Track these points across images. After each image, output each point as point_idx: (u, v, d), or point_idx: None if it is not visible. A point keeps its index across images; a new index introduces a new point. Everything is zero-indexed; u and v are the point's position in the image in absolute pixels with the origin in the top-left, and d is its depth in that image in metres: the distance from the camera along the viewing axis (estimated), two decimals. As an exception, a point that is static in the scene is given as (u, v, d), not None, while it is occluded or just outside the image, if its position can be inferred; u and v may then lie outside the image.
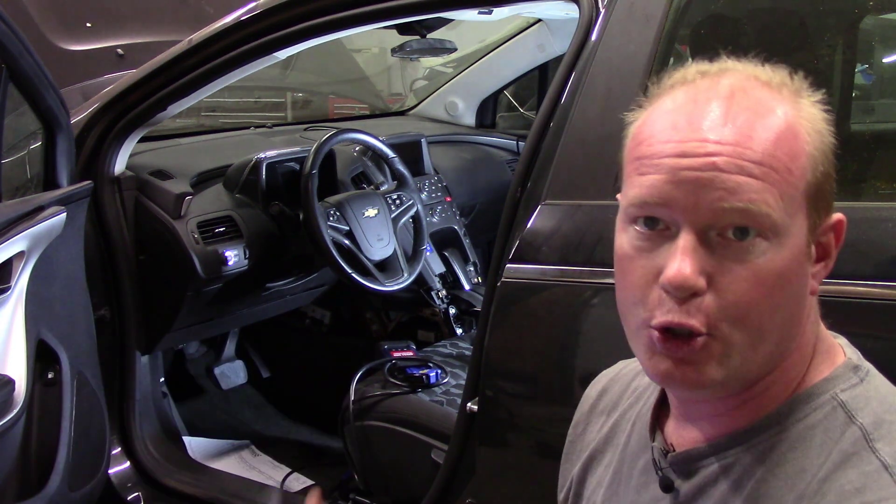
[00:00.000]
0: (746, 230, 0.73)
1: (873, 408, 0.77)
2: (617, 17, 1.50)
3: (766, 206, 0.73)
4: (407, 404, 2.11)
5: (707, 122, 0.75)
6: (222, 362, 2.99)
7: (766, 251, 0.74)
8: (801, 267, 0.77)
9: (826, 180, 0.78)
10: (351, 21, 1.89)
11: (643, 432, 0.92)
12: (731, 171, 0.73)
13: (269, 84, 3.89)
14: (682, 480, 0.84)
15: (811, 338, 0.82)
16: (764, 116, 0.75)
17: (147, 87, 2.16)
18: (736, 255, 0.74)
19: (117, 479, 2.31)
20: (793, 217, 0.75)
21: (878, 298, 1.19)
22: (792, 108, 0.78)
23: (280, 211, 2.44)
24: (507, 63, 3.32)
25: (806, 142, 0.76)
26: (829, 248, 0.82)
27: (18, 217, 1.67)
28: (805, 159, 0.76)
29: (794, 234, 0.75)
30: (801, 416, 0.79)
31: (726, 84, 0.78)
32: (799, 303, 0.78)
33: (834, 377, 0.80)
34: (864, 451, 0.74)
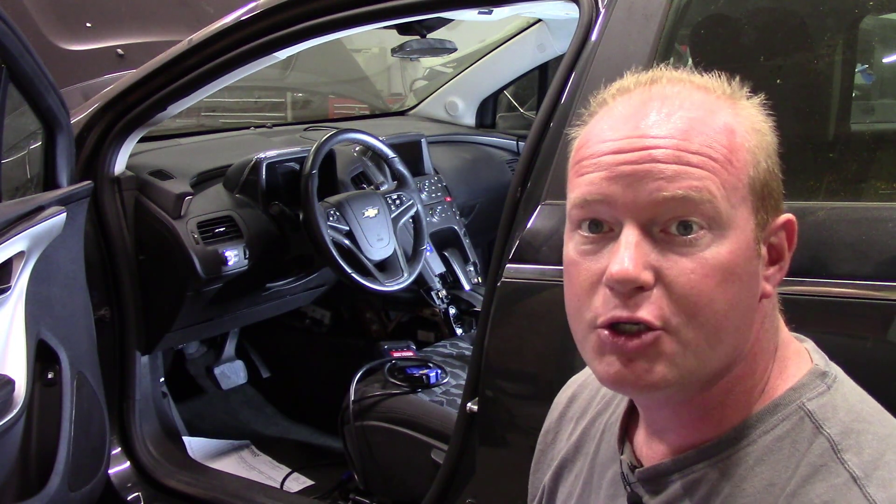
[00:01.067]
0: (689, 225, 0.73)
1: (840, 417, 0.76)
2: (617, 17, 1.50)
3: (708, 192, 0.73)
4: (407, 404, 2.11)
5: (644, 121, 0.76)
6: (222, 362, 2.99)
7: (711, 243, 0.73)
8: (748, 262, 0.76)
9: (771, 177, 0.78)
10: (351, 21, 1.89)
11: (612, 443, 0.90)
12: (669, 161, 0.73)
13: (269, 84, 3.89)
14: (649, 496, 0.83)
15: (770, 342, 0.81)
16: (700, 114, 0.76)
17: (147, 87, 2.16)
18: (681, 248, 0.73)
19: (117, 479, 2.31)
20: (736, 208, 0.75)
21: (877, 299, 1.19)
22: (728, 108, 0.78)
23: (280, 211, 2.44)
24: (507, 63, 3.32)
25: (744, 139, 0.77)
26: (782, 249, 0.81)
27: (18, 217, 1.67)
28: (745, 153, 0.76)
29: (739, 227, 0.75)
30: (768, 428, 0.77)
31: (660, 89, 0.79)
32: (751, 300, 0.77)
33: (800, 385, 0.79)
34: (832, 462, 0.73)
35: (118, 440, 2.34)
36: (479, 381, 1.58)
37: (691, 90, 0.78)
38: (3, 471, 1.69)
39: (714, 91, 0.79)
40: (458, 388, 2.15)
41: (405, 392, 2.13)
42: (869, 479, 0.71)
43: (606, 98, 0.82)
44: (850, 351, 1.21)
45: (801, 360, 0.82)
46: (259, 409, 3.04)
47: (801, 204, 1.27)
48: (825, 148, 1.47)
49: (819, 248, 1.23)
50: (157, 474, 2.32)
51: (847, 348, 1.22)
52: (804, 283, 1.20)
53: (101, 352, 2.10)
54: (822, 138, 1.48)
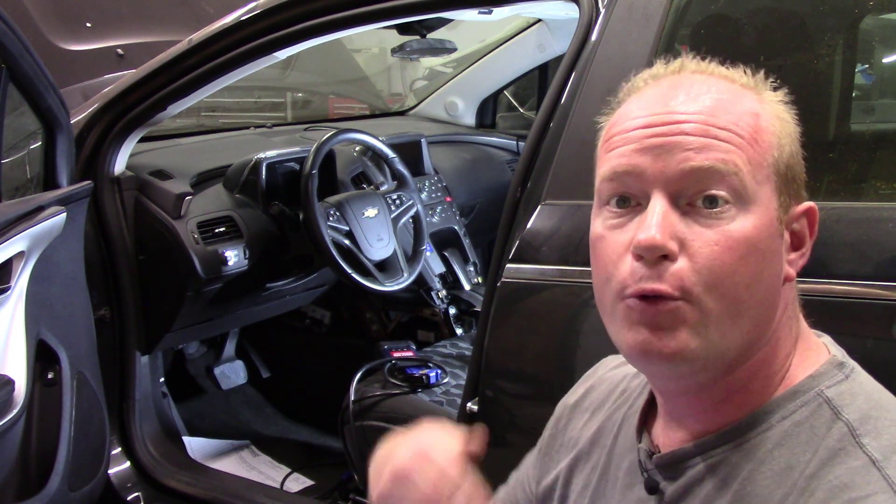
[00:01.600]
0: (715, 199, 0.75)
1: (859, 404, 0.78)
2: (617, 17, 1.50)
3: (734, 165, 0.75)
4: (407, 404, 2.11)
5: (673, 100, 0.79)
6: (222, 362, 2.99)
7: (736, 216, 0.75)
8: (771, 239, 0.78)
9: (794, 162, 0.81)
10: (351, 21, 1.89)
11: (630, 434, 0.92)
12: (697, 133, 0.76)
13: (269, 84, 3.89)
14: (667, 482, 0.84)
15: (791, 331, 0.83)
16: (727, 97, 0.79)
17: (147, 87, 2.16)
18: (706, 220, 0.76)
19: (117, 479, 2.31)
20: (760, 185, 0.77)
21: (878, 299, 1.19)
22: (752, 96, 0.81)
23: (280, 211, 2.44)
24: (507, 63, 3.32)
25: (769, 122, 0.79)
26: (803, 236, 0.83)
27: (18, 217, 1.67)
28: (769, 136, 0.79)
29: (763, 204, 0.77)
30: (786, 414, 0.79)
31: (688, 76, 0.82)
32: (773, 278, 0.79)
33: (819, 374, 0.81)
34: (850, 446, 0.74)
35: (118, 440, 2.34)
36: (479, 381, 1.58)
37: (717, 79, 0.82)
38: (3, 471, 1.69)
39: (738, 81, 0.82)
40: (458, 388, 2.15)
41: (405, 392, 2.13)
42: (888, 462, 0.73)
43: (637, 84, 0.85)
44: (850, 351, 1.21)
45: (820, 352, 0.84)
46: (259, 409, 3.04)
47: (801, 204, 1.27)
48: (825, 148, 1.47)
49: (819, 248, 1.23)
50: (157, 474, 2.32)
51: (847, 348, 1.22)
52: (804, 282, 1.20)
53: (101, 352, 2.10)
54: (822, 138, 1.48)
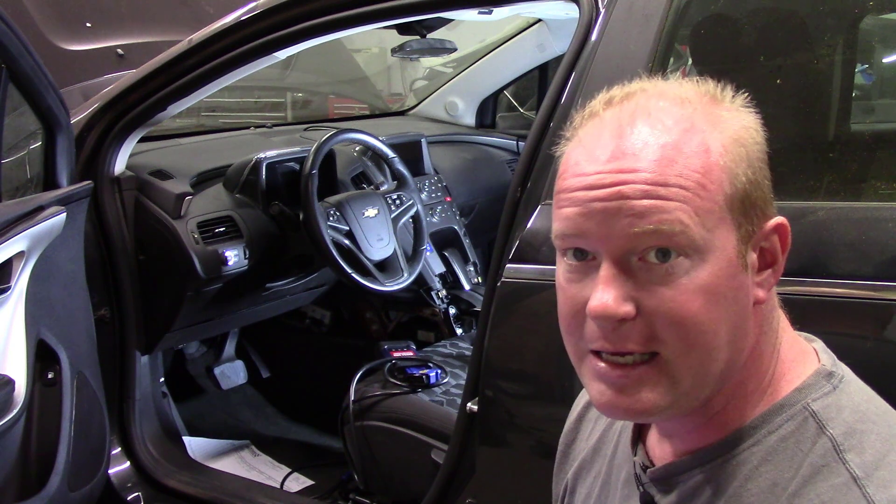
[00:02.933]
0: (667, 251, 0.74)
1: (845, 417, 0.76)
2: (617, 17, 1.50)
3: (680, 224, 0.73)
4: (407, 404, 2.11)
5: (613, 152, 0.75)
6: (222, 362, 2.99)
7: (690, 269, 0.74)
8: (731, 279, 0.76)
9: (753, 188, 0.77)
10: (351, 21, 1.89)
11: (627, 444, 0.92)
12: (637, 196, 0.73)
13: (269, 84, 3.89)
14: (661, 496, 0.84)
15: (770, 344, 0.81)
16: (669, 138, 0.75)
17: (147, 87, 2.16)
18: (660, 277, 0.74)
19: (117, 479, 2.31)
20: (713, 231, 0.74)
21: (877, 299, 1.19)
22: (705, 122, 0.77)
23: (280, 211, 2.44)
24: (507, 63, 3.32)
25: (720, 154, 0.76)
26: (775, 253, 0.80)
27: (18, 217, 1.67)
28: (720, 172, 0.75)
29: (719, 248, 0.75)
30: (773, 429, 0.78)
31: (629, 111, 0.78)
32: (740, 314, 0.77)
33: (806, 386, 0.79)
34: (833, 462, 0.73)
35: (118, 440, 2.34)
36: (479, 381, 1.58)
37: (668, 106, 0.78)
38: (3, 471, 1.69)
39: (693, 103, 0.78)
40: (458, 388, 2.15)
41: (405, 392, 2.13)
42: (869, 479, 0.71)
43: (583, 118, 0.82)
44: (850, 351, 1.21)
45: (808, 361, 0.82)
46: (259, 409, 3.04)
47: (801, 204, 1.27)
48: (825, 148, 1.47)
49: (819, 248, 1.23)
50: (157, 474, 2.32)
51: (847, 348, 1.21)
52: (804, 283, 1.20)
53: (101, 352, 2.10)
54: (822, 138, 1.48)
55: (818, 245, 1.23)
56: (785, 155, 1.43)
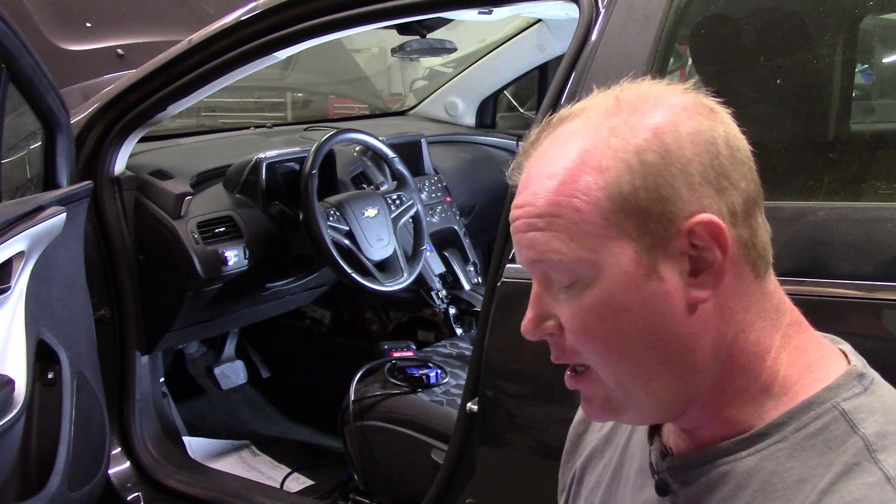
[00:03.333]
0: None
1: (876, 418, 0.76)
2: (617, 17, 1.50)
3: (556, 252, 0.77)
4: (407, 404, 2.11)
5: (520, 185, 0.82)
6: (222, 362, 2.99)
7: (584, 288, 0.78)
8: (634, 291, 0.76)
9: (648, 196, 0.75)
10: (351, 21, 1.89)
11: (642, 434, 0.91)
12: (524, 230, 0.79)
13: (269, 84, 3.89)
14: (678, 485, 0.84)
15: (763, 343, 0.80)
16: (550, 168, 0.79)
17: (147, 87, 2.16)
18: (567, 297, 0.79)
19: (117, 479, 2.31)
20: (597, 250, 0.76)
21: (878, 299, 1.19)
22: (596, 135, 0.77)
23: (280, 211, 2.44)
24: (507, 63, 3.32)
25: (607, 170, 0.75)
26: (705, 254, 0.76)
27: (18, 217, 1.67)
28: (599, 192, 0.75)
29: (609, 264, 0.76)
30: (800, 426, 0.77)
31: (551, 137, 0.82)
32: (657, 322, 0.76)
33: (836, 385, 0.79)
34: (866, 461, 0.73)
35: (118, 440, 2.34)
36: (479, 381, 1.58)
37: (577, 129, 0.79)
38: (3, 471, 1.69)
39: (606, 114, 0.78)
40: (458, 388, 2.15)
41: (405, 392, 2.13)
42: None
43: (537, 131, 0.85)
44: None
45: (835, 361, 0.82)
46: (259, 409, 3.04)
47: (801, 204, 1.27)
48: (825, 148, 1.47)
49: (819, 248, 1.23)
50: (157, 474, 2.32)
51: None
52: (804, 283, 1.20)
53: (101, 352, 2.10)
54: (822, 138, 1.48)
55: (818, 245, 1.23)
56: (785, 155, 1.43)
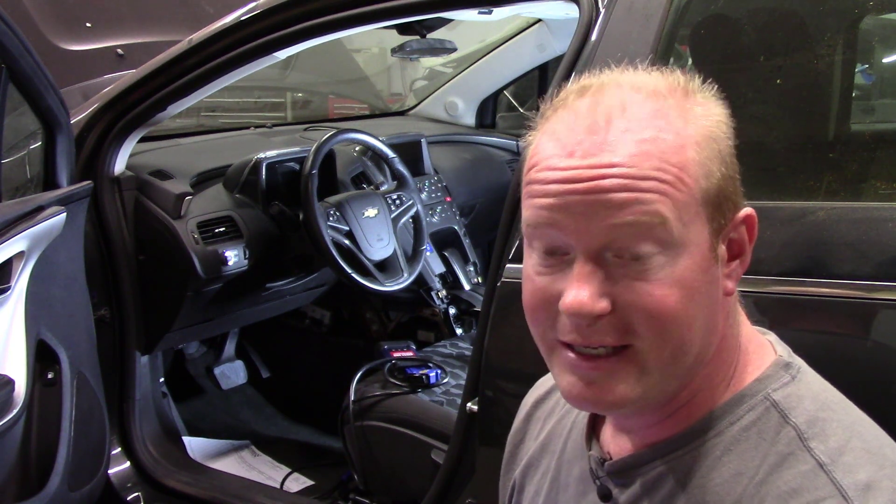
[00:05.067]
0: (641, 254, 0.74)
1: (806, 406, 0.77)
2: (617, 17, 1.50)
3: (659, 216, 0.73)
4: (407, 404, 2.11)
5: (589, 146, 0.75)
6: (222, 362, 2.99)
7: (665, 265, 0.74)
8: (705, 274, 0.76)
9: (726, 183, 0.77)
10: (351, 21, 1.89)
11: (579, 440, 0.91)
12: (616, 189, 0.73)
13: (269, 84, 3.89)
14: (619, 489, 0.84)
15: (734, 339, 0.82)
16: (645, 134, 0.75)
17: (147, 87, 2.16)
18: (636, 273, 0.74)
19: (117, 479, 2.31)
20: (689, 225, 0.75)
21: (878, 299, 1.19)
22: (678, 116, 0.76)
23: (280, 211, 2.44)
24: (507, 63, 3.32)
25: (695, 150, 0.75)
26: (743, 243, 0.81)
27: (18, 217, 1.67)
28: (695, 167, 0.75)
29: (693, 242, 0.75)
30: (734, 419, 0.78)
31: (605, 104, 0.77)
32: (712, 309, 0.78)
33: (765, 377, 0.80)
34: (798, 450, 0.74)
35: (118, 440, 2.34)
36: (479, 381, 1.58)
37: (642, 99, 0.77)
38: (3, 471, 1.69)
39: (665, 96, 0.77)
40: (458, 388, 2.15)
41: (405, 392, 2.13)
42: (835, 465, 0.73)
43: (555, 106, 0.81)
44: (849, 351, 1.21)
45: (765, 352, 0.83)
46: (259, 409, 3.04)
47: (801, 204, 1.27)
48: (825, 148, 1.47)
49: (819, 248, 1.23)
50: (157, 474, 2.32)
51: (847, 348, 1.22)
52: (804, 283, 1.20)
53: (101, 352, 2.10)
54: (822, 138, 1.48)
55: (818, 245, 1.23)
56: (785, 155, 1.43)
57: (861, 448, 0.75)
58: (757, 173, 1.35)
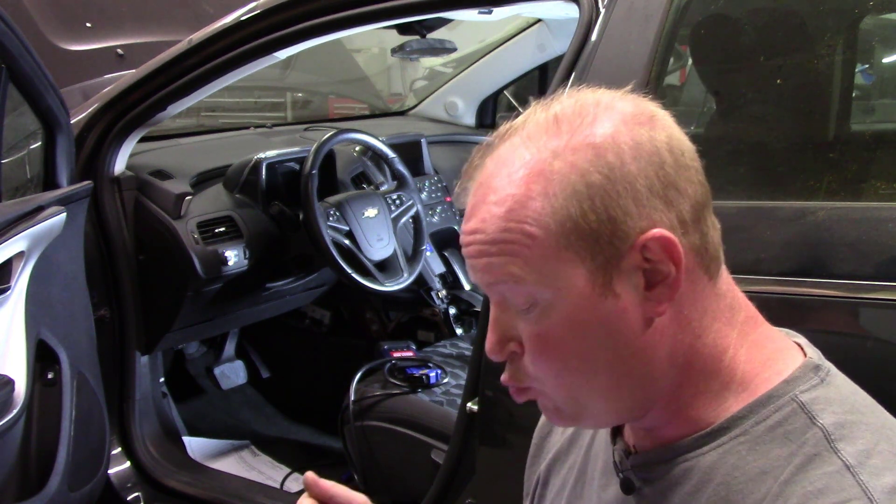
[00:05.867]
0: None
1: (834, 409, 0.77)
2: (617, 17, 1.50)
3: (511, 277, 0.77)
4: (407, 404, 2.11)
5: (468, 211, 0.81)
6: (222, 362, 2.99)
7: (543, 312, 0.77)
8: (590, 311, 0.76)
9: (596, 218, 0.74)
10: (351, 21, 1.89)
11: (605, 434, 0.92)
12: (476, 256, 0.79)
13: (269, 84, 3.89)
14: (642, 483, 0.84)
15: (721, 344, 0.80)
16: (499, 195, 0.77)
17: (147, 87, 2.16)
18: (525, 320, 0.79)
19: (117, 479, 2.31)
20: (552, 275, 0.76)
21: (878, 299, 1.19)
22: (543, 162, 0.76)
23: (280, 211, 2.44)
24: (507, 63, 3.32)
25: (541, 199, 0.75)
26: (656, 271, 0.76)
27: (18, 217, 1.67)
28: (548, 218, 0.75)
29: (563, 287, 0.76)
30: (760, 419, 0.78)
31: (495, 159, 0.80)
32: (617, 337, 0.77)
33: (794, 378, 0.80)
34: (825, 451, 0.74)
35: (118, 440, 2.34)
36: (479, 381, 1.58)
37: (522, 149, 0.78)
38: (3, 471, 1.69)
39: (548, 136, 0.77)
40: (458, 388, 2.15)
41: (405, 392, 2.13)
42: (862, 467, 0.72)
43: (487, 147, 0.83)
44: (850, 351, 1.21)
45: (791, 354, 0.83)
46: (259, 409, 3.04)
47: (801, 204, 1.27)
48: (825, 148, 1.47)
49: (819, 248, 1.23)
50: (157, 474, 2.32)
51: (847, 348, 1.22)
52: (804, 283, 1.20)
53: (101, 352, 2.10)
54: (822, 138, 1.48)
55: (818, 245, 1.23)
56: (785, 155, 1.43)
57: (889, 452, 0.74)
58: (757, 173, 1.35)
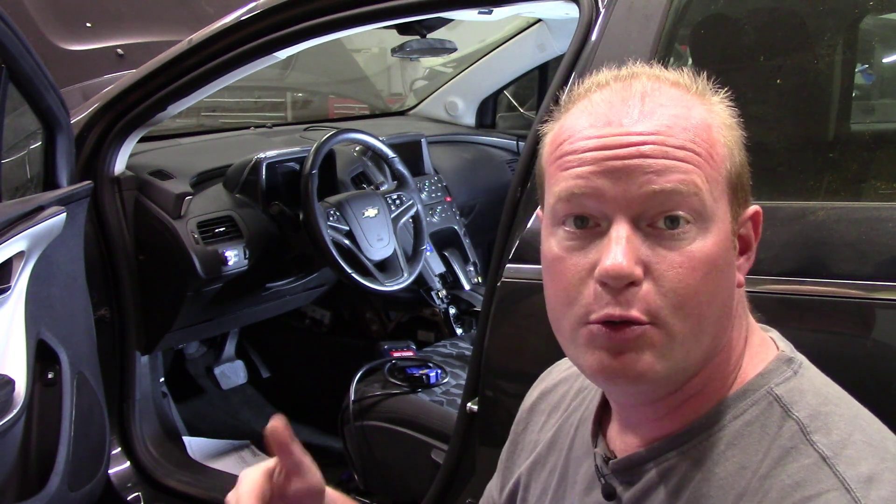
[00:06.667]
0: (676, 219, 0.75)
1: (808, 400, 0.78)
2: (617, 17, 1.50)
3: (694, 185, 0.75)
4: (407, 404, 2.11)
5: (626, 118, 0.77)
6: (222, 362, 2.99)
7: (697, 237, 0.75)
8: (728, 253, 0.78)
9: (743, 170, 0.81)
10: (351, 21, 1.89)
11: (586, 437, 0.92)
12: (657, 156, 0.75)
13: (269, 84, 3.89)
14: (623, 487, 0.84)
15: (741, 332, 0.83)
16: (679, 110, 0.78)
17: (147, 88, 2.16)
18: (669, 243, 0.75)
19: (117, 479, 2.31)
20: (717, 201, 0.77)
21: (878, 299, 1.19)
22: (701, 104, 0.80)
23: (280, 211, 2.44)
24: (507, 63, 3.32)
25: (720, 133, 0.79)
26: (749, 240, 0.83)
27: (18, 217, 1.67)
28: (722, 148, 0.79)
29: (720, 219, 0.77)
30: (737, 413, 0.79)
31: (638, 86, 0.80)
32: (730, 291, 0.79)
33: (768, 371, 0.81)
34: (801, 444, 0.75)
35: (118, 440, 2.34)
36: (479, 381, 1.58)
37: (668, 87, 0.81)
38: (3, 471, 1.69)
39: (687, 88, 0.81)
40: (458, 388, 2.15)
41: (405, 392, 2.13)
42: (838, 458, 0.73)
43: (581, 93, 0.83)
44: (850, 351, 1.21)
45: (768, 348, 0.84)
46: (259, 409, 3.03)
47: (801, 204, 1.27)
48: (825, 148, 1.47)
49: (819, 248, 1.23)
50: (157, 474, 2.32)
51: (847, 348, 1.22)
52: (804, 283, 1.20)
53: (101, 352, 2.10)
54: (822, 138, 1.48)
55: (818, 245, 1.23)
56: (785, 155, 1.43)
57: (863, 441, 0.75)
58: (757, 173, 1.34)
